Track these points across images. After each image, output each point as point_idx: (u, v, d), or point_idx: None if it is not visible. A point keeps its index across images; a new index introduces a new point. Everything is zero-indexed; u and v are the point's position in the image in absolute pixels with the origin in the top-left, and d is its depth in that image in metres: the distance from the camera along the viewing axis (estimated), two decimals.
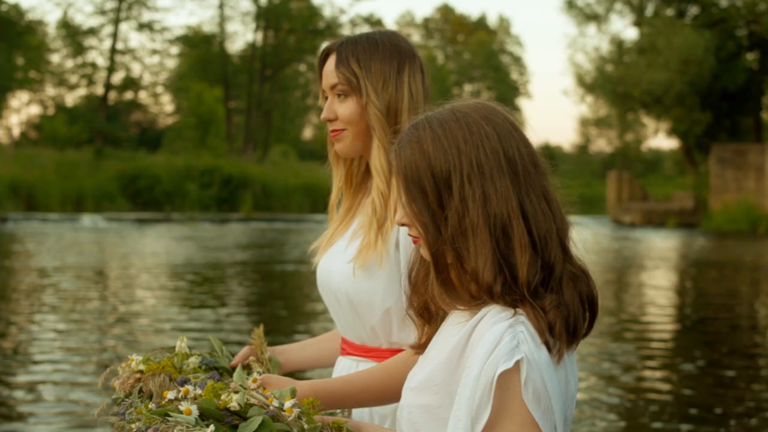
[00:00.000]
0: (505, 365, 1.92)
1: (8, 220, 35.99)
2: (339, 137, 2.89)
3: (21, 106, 77.03)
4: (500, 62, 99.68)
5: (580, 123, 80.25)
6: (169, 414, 2.17)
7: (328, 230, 3.08)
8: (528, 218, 2.05)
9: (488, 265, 2.03)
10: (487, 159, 2.06)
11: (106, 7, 63.50)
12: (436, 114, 2.14)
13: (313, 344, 3.20)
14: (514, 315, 2.00)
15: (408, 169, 2.10)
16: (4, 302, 15.06)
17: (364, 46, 2.88)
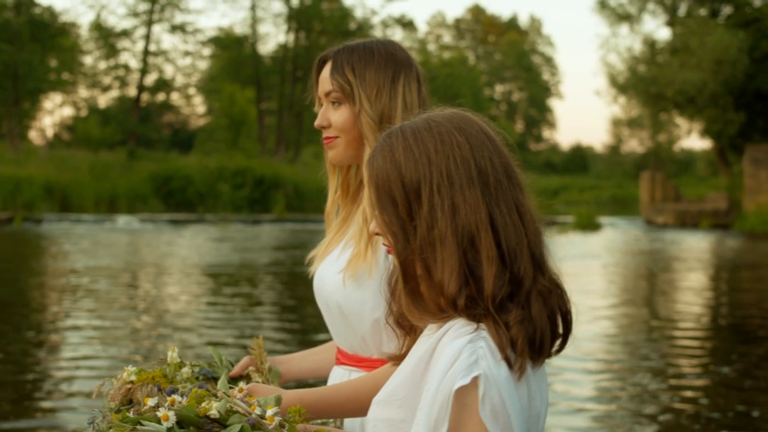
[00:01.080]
0: (462, 381, 1.89)
1: (43, 220, 36.19)
2: (332, 144, 2.89)
3: (54, 107, 77.54)
4: (531, 63, 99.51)
5: (611, 123, 79.81)
6: (141, 422, 2.16)
7: (325, 239, 3.08)
8: (497, 230, 2.01)
9: (453, 276, 1.99)
10: (458, 169, 2.03)
11: (138, 9, 63.78)
12: (411, 123, 2.12)
13: (314, 354, 3.20)
14: (476, 330, 1.97)
15: (379, 178, 2.08)
16: (40, 302, 15.16)
17: (359, 54, 2.88)
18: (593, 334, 13.04)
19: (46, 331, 12.49)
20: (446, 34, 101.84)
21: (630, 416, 8.49)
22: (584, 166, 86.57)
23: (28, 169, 42.43)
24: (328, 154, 2.93)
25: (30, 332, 12.40)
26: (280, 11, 66.05)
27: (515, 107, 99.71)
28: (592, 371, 10.55)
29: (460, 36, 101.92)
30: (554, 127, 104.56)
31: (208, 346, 3.07)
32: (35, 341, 11.68)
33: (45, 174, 42.10)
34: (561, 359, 11.04)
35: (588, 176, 77.38)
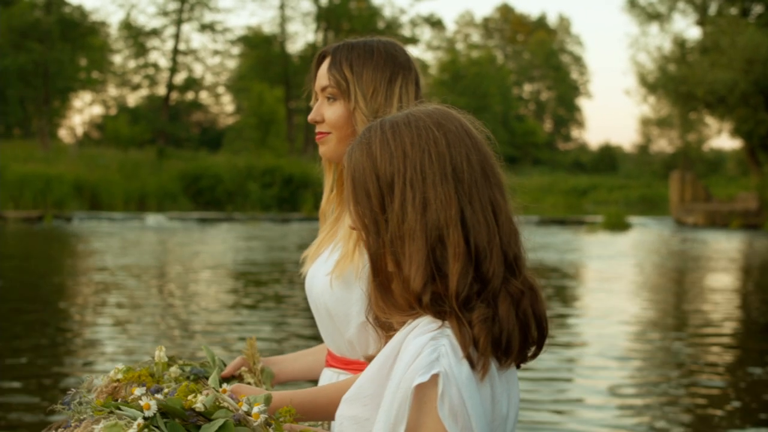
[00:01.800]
0: (421, 378, 1.86)
1: (73, 218, 36.36)
2: (324, 140, 2.88)
3: (84, 106, 77.94)
4: (560, 62, 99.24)
5: (641, 123, 79.52)
6: (120, 408, 2.15)
7: (317, 239, 3.06)
8: (467, 228, 1.97)
9: (419, 272, 1.96)
10: (431, 164, 1.99)
11: (168, 9, 64.00)
12: (391, 117, 2.10)
13: (308, 355, 3.18)
14: (441, 327, 1.94)
15: (356, 170, 2.06)
16: (68, 299, 15.23)
17: (359, 52, 2.87)
18: (623, 332, 13.02)
19: (73, 327, 12.56)
20: (475, 33, 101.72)
21: (659, 414, 8.46)
22: (613, 165, 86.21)
23: (58, 168, 42.66)
24: (319, 149, 2.92)
25: (57, 328, 12.47)
26: (309, 10, 66.11)
27: (544, 106, 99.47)
28: (621, 369, 10.54)
29: (489, 35, 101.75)
30: (583, 127, 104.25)
31: (202, 345, 3.04)
32: (62, 337, 11.74)
33: (75, 172, 42.31)
34: (591, 356, 11.02)
35: (617, 176, 77.04)
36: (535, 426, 8.03)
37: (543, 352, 2.05)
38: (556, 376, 10.11)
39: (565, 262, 23.03)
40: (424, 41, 78.23)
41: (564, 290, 17.84)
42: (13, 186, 38.50)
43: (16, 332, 12.11)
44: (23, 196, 38.33)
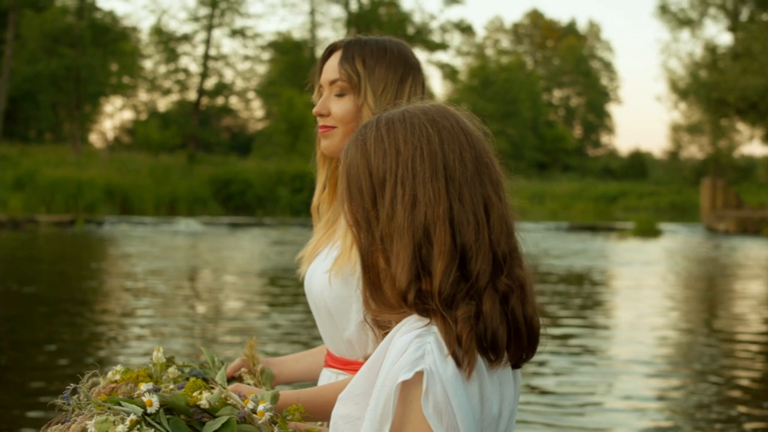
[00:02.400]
0: (405, 375, 1.85)
1: (104, 223, 36.54)
2: (328, 134, 2.86)
3: (114, 111, 78.32)
4: (590, 68, 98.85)
5: (671, 129, 79.16)
6: (121, 403, 2.16)
7: (312, 239, 3.05)
8: (455, 226, 1.96)
9: (405, 270, 1.95)
10: (422, 162, 1.98)
11: (199, 14, 64.26)
12: (387, 114, 2.09)
13: (308, 356, 3.17)
14: (427, 325, 1.93)
15: (350, 168, 2.06)
16: (99, 302, 15.30)
17: (372, 48, 2.86)
18: (654, 339, 12.99)
19: (102, 330, 12.63)
20: (504, 39, 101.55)
21: (690, 420, 8.44)
22: (643, 172, 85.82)
23: (89, 172, 42.87)
24: (321, 143, 2.90)
25: (87, 331, 12.56)
26: (339, 16, 66.24)
27: (573, 112, 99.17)
28: (652, 375, 10.53)
29: (518, 41, 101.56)
30: (613, 133, 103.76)
31: (202, 347, 3.04)
32: (92, 339, 11.82)
33: (106, 177, 42.53)
34: (621, 363, 10.99)
35: (647, 182, 76.68)
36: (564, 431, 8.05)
37: (538, 353, 2.04)
38: (586, 381, 10.10)
39: (596, 269, 22.96)
40: (454, 47, 78.12)
41: (596, 297, 17.80)
42: (45, 190, 38.71)
43: (46, 335, 12.19)
44: (55, 201, 38.54)
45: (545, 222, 44.20)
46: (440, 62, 72.23)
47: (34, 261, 22.84)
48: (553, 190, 63.71)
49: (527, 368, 10.67)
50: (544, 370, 10.65)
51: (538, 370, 10.63)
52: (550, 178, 74.19)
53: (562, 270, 22.27)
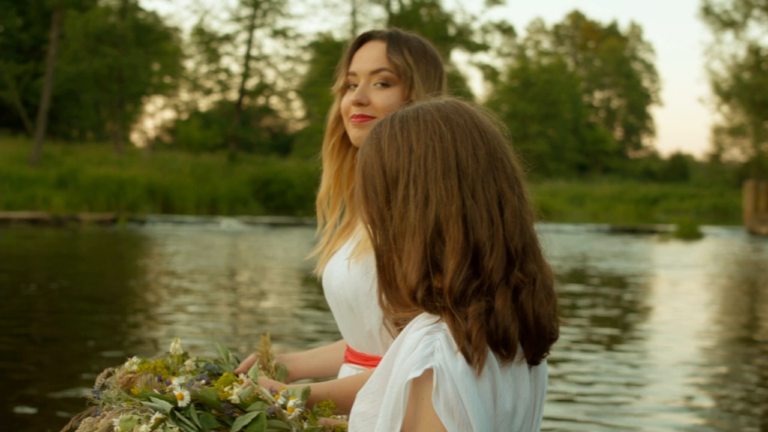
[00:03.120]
0: (415, 373, 1.86)
1: (146, 221, 36.74)
2: (366, 124, 2.81)
3: (156, 110, 78.74)
4: (631, 69, 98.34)
5: (713, 131, 78.64)
6: (150, 399, 2.17)
7: (325, 238, 3.03)
8: (468, 223, 1.96)
9: (415, 268, 1.97)
10: (435, 160, 1.99)
11: (241, 14, 64.46)
12: (402, 111, 2.10)
13: (323, 353, 3.15)
14: (437, 322, 1.94)
15: (365, 166, 2.07)
16: (140, 300, 15.39)
17: (414, 44, 2.84)
18: (695, 341, 12.94)
19: (142, 327, 12.74)
20: (545, 40, 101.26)
21: (729, 423, 8.40)
22: (684, 174, 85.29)
23: (131, 171, 43.13)
24: (355, 132, 2.84)
25: (127, 327, 12.65)
26: (380, 17, 66.21)
27: (614, 114, 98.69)
28: (692, 376, 10.50)
29: (560, 42, 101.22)
30: (654, 135, 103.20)
31: (216, 342, 3.04)
32: (131, 336, 11.90)
33: (148, 176, 42.75)
34: (662, 363, 10.94)
35: (688, 185, 76.18)
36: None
37: (552, 349, 2.03)
38: (625, 382, 10.07)
39: (638, 272, 22.86)
40: (494, 48, 77.97)
41: (637, 299, 17.72)
42: (88, 189, 38.97)
43: (87, 331, 12.30)
44: (97, 199, 38.78)
45: (586, 224, 44.02)
46: (481, 63, 72.00)
47: (76, 258, 23.02)
48: (593, 192, 63.44)
49: (565, 368, 10.65)
50: (582, 369, 10.62)
51: (576, 369, 10.60)
52: (590, 180, 73.90)
53: (604, 272, 22.18)
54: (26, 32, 56.59)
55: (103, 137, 62.32)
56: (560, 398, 9.31)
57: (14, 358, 10.52)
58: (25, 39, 56.33)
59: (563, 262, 24.32)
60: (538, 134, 78.20)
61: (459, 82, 71.50)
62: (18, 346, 11.23)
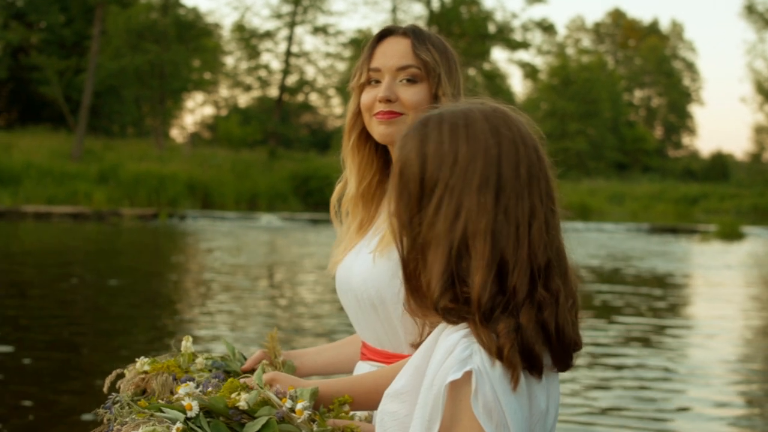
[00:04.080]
0: (454, 375, 1.86)
1: (187, 217, 36.91)
2: (395, 120, 2.77)
3: (195, 106, 79.03)
4: (672, 68, 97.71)
5: (754, 131, 78.05)
6: (162, 410, 2.17)
7: (342, 238, 2.98)
8: (497, 239, 1.94)
9: (438, 279, 1.95)
10: (474, 174, 1.97)
11: (282, 11, 64.58)
12: (451, 114, 2.05)
13: (330, 349, 3.13)
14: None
15: (405, 166, 2.04)
16: (182, 295, 15.48)
17: (435, 41, 2.82)
18: (736, 342, 12.89)
19: (180, 322, 12.83)
20: (585, 38, 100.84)
21: (765, 426, 8.39)
22: (724, 174, 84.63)
23: (171, 167, 43.31)
24: (382, 129, 2.80)
25: (165, 322, 12.76)
26: (420, 14, 66.09)
27: (654, 113, 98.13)
28: (732, 378, 10.49)
29: (600, 40, 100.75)
30: (694, 134, 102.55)
31: (222, 338, 3.03)
32: (169, 330, 11.98)
33: (188, 171, 42.93)
34: (702, 365, 10.90)
35: (728, 184, 75.62)
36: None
37: (577, 361, 2.04)
38: (665, 384, 10.05)
39: (679, 272, 22.75)
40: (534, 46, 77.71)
41: (679, 300, 17.66)
42: (129, 184, 39.17)
43: (127, 325, 12.39)
44: (138, 194, 38.97)
45: (625, 223, 43.81)
46: (521, 61, 71.75)
47: (117, 253, 23.16)
48: (632, 191, 63.08)
49: (603, 368, 10.63)
50: (624, 373, 10.60)
51: (618, 373, 10.58)
52: (629, 179, 73.49)
53: (646, 272, 22.08)
54: (69, 28, 57.02)
55: (144, 133, 62.66)
56: (599, 396, 9.30)
57: (56, 348, 10.62)
58: (67, 35, 56.75)
59: (603, 261, 24.24)
60: (578, 132, 77.91)
61: (499, 79, 71.35)
62: (57, 338, 11.33)
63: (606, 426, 8.26)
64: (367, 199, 2.94)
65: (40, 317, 12.88)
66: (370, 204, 2.95)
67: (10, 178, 36.89)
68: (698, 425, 8.38)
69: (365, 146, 2.93)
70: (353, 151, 2.94)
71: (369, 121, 2.85)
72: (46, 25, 57.22)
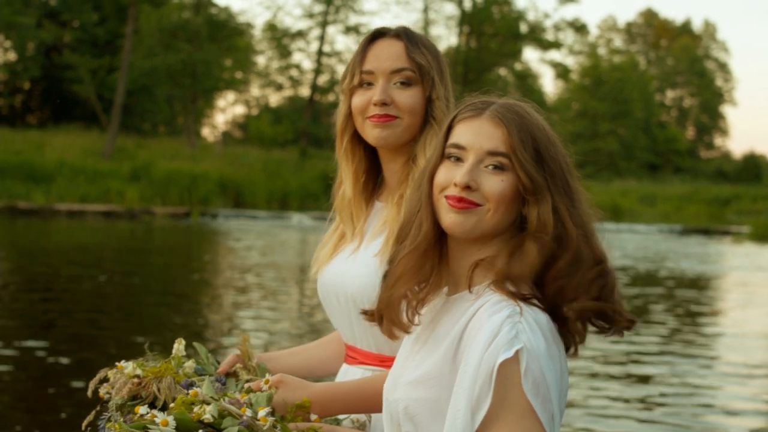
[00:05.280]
0: (505, 354, 1.94)
1: (218, 216, 37.01)
2: (390, 123, 2.75)
3: (227, 106, 79.24)
4: (705, 68, 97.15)
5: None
6: (147, 427, 2.15)
7: (329, 237, 2.99)
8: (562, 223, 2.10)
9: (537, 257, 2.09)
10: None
11: (314, 11, 64.65)
12: (537, 118, 2.22)
13: (302, 352, 3.12)
14: (514, 305, 2.03)
15: (538, 142, 2.16)
16: (213, 294, 15.54)
17: (426, 44, 2.80)
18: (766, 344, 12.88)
19: (211, 321, 12.88)
20: (617, 38, 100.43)
21: None
22: (757, 175, 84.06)
23: (203, 165, 43.44)
24: (378, 133, 2.77)
25: (196, 320, 12.81)
26: (452, 14, 66.01)
27: (686, 113, 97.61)
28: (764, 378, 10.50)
29: (632, 40, 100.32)
30: (726, 135, 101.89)
31: (194, 342, 3.02)
32: (199, 329, 12.03)
33: (219, 170, 43.03)
34: (733, 365, 10.86)
35: (761, 185, 75.14)
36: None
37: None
38: (696, 383, 10.02)
39: (715, 273, 22.66)
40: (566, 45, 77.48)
41: (713, 301, 17.59)
42: (161, 182, 39.29)
43: (155, 324, 12.45)
44: (170, 193, 39.08)
45: (658, 224, 43.62)
46: (553, 61, 71.54)
47: (149, 252, 23.25)
48: (664, 192, 62.79)
49: (638, 370, 10.62)
50: (655, 370, 10.58)
51: (655, 370, 10.57)
52: (661, 180, 73.17)
53: (680, 273, 21.99)
54: (102, 27, 57.28)
55: (175, 131, 62.86)
56: (633, 398, 9.29)
57: (83, 345, 10.69)
58: (100, 34, 57.02)
59: (637, 263, 24.15)
60: (609, 133, 77.63)
61: (530, 79, 71.18)
62: (84, 334, 11.41)
63: (637, 426, 8.26)
64: (360, 202, 2.92)
65: (68, 313, 12.98)
66: (362, 206, 2.93)
67: (43, 176, 37.06)
68: (732, 423, 8.38)
69: (358, 148, 2.91)
70: (346, 154, 2.92)
71: (362, 123, 2.83)
72: (79, 24, 57.51)
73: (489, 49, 64.43)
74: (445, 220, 2.17)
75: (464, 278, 2.18)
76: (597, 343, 11.69)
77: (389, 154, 2.84)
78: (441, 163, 2.24)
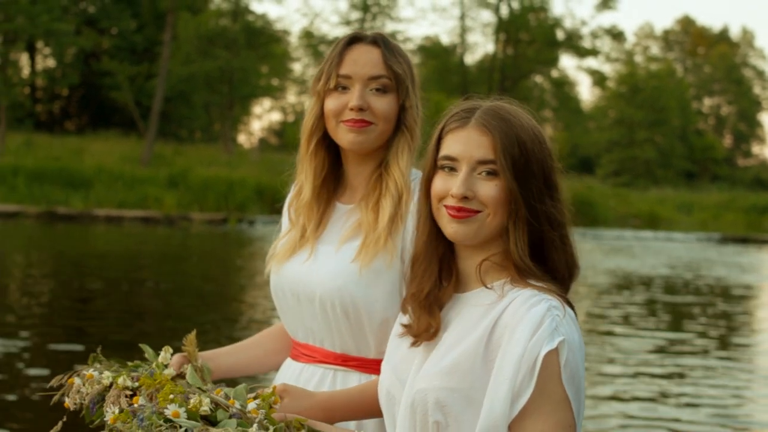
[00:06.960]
0: (549, 346, 2.03)
1: (256, 222, 37.08)
2: (366, 129, 2.78)
3: (263, 112, 79.52)
4: (742, 76, 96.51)
5: None
6: (171, 420, 2.16)
7: (289, 235, 3.01)
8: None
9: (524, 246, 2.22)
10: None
11: (351, 18, 64.76)
12: (527, 119, 2.31)
13: (240, 350, 3.10)
14: (550, 299, 2.12)
15: (523, 143, 2.25)
16: (245, 299, 15.60)
17: (401, 52, 2.85)
18: None
19: (248, 326, 12.91)
20: (654, 46, 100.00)
21: None
22: None
23: (240, 172, 43.53)
24: (352, 138, 2.80)
25: (233, 326, 12.86)
26: (489, 21, 65.97)
27: (724, 121, 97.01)
28: None
29: (669, 48, 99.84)
30: (764, 143, 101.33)
31: (140, 344, 3.01)
32: (238, 335, 12.07)
33: (256, 177, 43.10)
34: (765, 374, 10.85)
35: None
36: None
37: None
38: (731, 391, 9.99)
39: (753, 282, 22.54)
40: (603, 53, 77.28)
41: (754, 310, 17.52)
42: (198, 189, 39.39)
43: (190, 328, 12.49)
44: (207, 199, 39.17)
45: (695, 232, 43.37)
46: (590, 68, 71.35)
47: (186, 257, 23.35)
48: (701, 201, 62.36)
49: (679, 376, 10.58)
50: (690, 379, 10.56)
51: (689, 375, 10.54)
52: (698, 188, 72.70)
53: (719, 283, 21.88)
54: (140, 34, 57.66)
55: (212, 138, 63.11)
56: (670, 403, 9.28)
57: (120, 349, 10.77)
58: (138, 41, 57.40)
59: (674, 271, 24.04)
60: (646, 140, 77.27)
61: (567, 86, 70.98)
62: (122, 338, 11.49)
63: None
64: (321, 202, 2.95)
65: (104, 318, 13.08)
66: (321, 207, 2.95)
67: (82, 182, 37.26)
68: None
69: (322, 150, 2.93)
70: (311, 156, 2.93)
71: (335, 127, 2.86)
72: (117, 32, 57.94)
73: (525, 56, 64.30)
74: (447, 230, 2.28)
75: (473, 276, 2.29)
76: (636, 355, 11.70)
77: (358, 158, 2.89)
78: (435, 173, 2.36)
